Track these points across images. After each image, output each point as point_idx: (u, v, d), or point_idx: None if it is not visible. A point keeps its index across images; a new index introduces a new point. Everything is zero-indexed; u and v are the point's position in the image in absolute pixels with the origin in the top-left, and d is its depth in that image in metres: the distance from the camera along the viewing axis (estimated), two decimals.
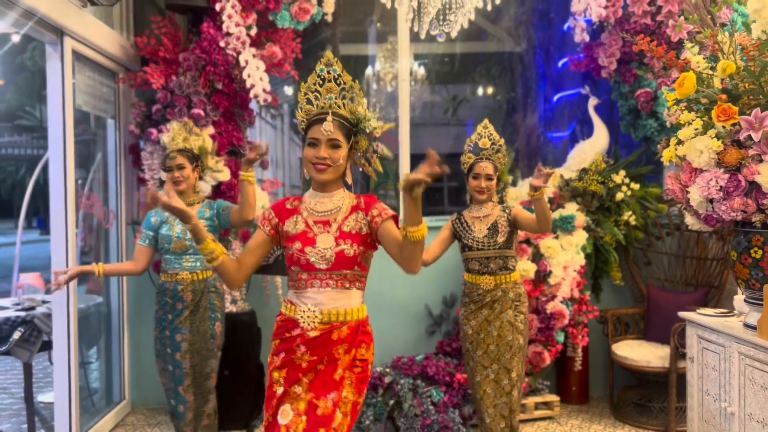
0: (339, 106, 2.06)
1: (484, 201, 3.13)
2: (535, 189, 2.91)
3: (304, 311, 2.03)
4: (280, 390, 2.05)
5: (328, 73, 2.08)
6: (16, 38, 4.39)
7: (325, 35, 5.67)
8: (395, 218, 2.07)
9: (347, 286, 2.05)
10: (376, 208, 2.08)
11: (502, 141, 3.20)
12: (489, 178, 3.09)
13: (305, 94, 2.09)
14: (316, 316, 2.02)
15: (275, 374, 2.07)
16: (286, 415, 2.02)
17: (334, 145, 2.01)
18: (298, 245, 2.04)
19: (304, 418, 2.01)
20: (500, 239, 3.08)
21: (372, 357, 2.16)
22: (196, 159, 3.24)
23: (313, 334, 2.03)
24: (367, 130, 2.06)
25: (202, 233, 1.97)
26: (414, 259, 1.93)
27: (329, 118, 2.00)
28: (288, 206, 2.12)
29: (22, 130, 23.53)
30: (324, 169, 2.01)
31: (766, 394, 2.41)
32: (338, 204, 2.08)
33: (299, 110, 2.10)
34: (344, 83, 2.08)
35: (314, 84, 2.08)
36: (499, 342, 3.07)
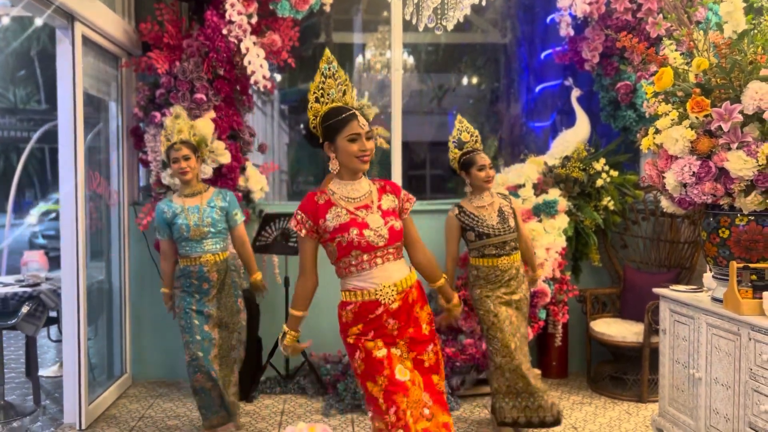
0: (336, 100, 2.23)
1: (487, 189, 3.35)
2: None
3: (381, 290, 2.22)
4: (382, 352, 2.23)
5: (329, 69, 2.25)
6: (39, 22, 4.44)
7: (313, 22, 5.82)
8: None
9: (401, 255, 2.30)
10: (404, 195, 2.35)
11: (476, 131, 3.43)
12: (491, 166, 3.33)
13: (314, 92, 2.25)
14: (392, 289, 2.23)
15: (370, 344, 2.24)
16: (404, 372, 2.23)
17: (369, 136, 2.22)
18: (355, 231, 2.19)
19: (417, 372, 2.27)
20: (512, 223, 3.35)
21: None
22: (196, 149, 3.39)
23: (395, 305, 2.24)
24: (367, 117, 2.28)
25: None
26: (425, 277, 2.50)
27: (358, 114, 2.19)
28: (320, 201, 2.26)
29: None
30: (368, 160, 2.22)
31: (729, 359, 2.67)
32: (368, 188, 2.29)
33: (309, 109, 2.25)
34: (339, 77, 2.25)
35: (320, 83, 2.24)
36: (518, 314, 3.35)
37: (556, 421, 3.29)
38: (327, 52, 2.26)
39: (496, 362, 3.30)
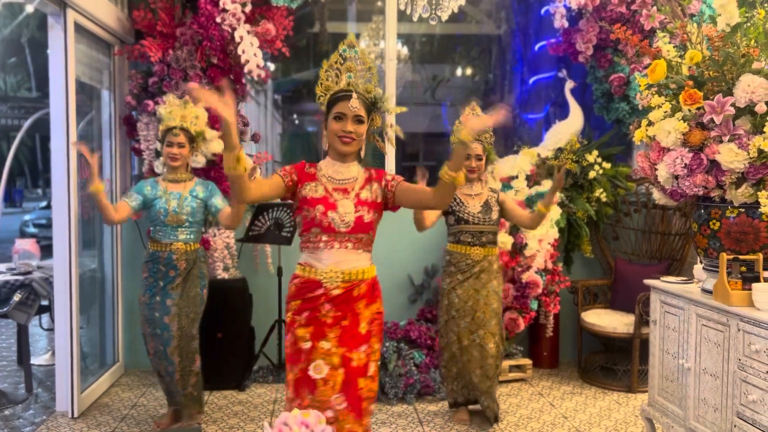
0: (356, 85, 2.23)
1: (474, 180, 3.37)
2: (545, 204, 3.27)
3: (326, 272, 2.20)
4: (307, 345, 2.21)
5: (350, 53, 2.25)
6: (30, 9, 4.41)
7: (307, 11, 5.79)
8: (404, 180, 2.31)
9: (361, 248, 2.24)
10: (388, 175, 2.30)
11: None
12: (479, 158, 3.34)
13: (326, 71, 2.26)
14: (338, 276, 2.20)
15: (300, 331, 2.23)
16: (320, 369, 2.20)
17: (359, 120, 2.19)
18: (320, 208, 2.19)
19: (341, 370, 2.20)
20: (494, 216, 3.36)
21: (383, 309, 2.37)
22: (193, 140, 3.38)
23: (336, 292, 2.21)
24: (383, 110, 2.25)
25: (236, 141, 1.98)
26: (446, 199, 2.15)
27: (354, 95, 2.18)
28: (307, 171, 2.27)
29: None
30: (349, 142, 2.19)
31: (718, 350, 2.70)
32: (355, 174, 2.27)
33: (319, 85, 2.26)
34: (363, 64, 2.25)
35: (336, 63, 2.26)
36: (486, 310, 3.35)
37: (495, 419, 3.45)
38: (351, 36, 2.27)
39: (450, 352, 3.43)
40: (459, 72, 7.53)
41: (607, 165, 4.40)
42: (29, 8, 3.44)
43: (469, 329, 3.35)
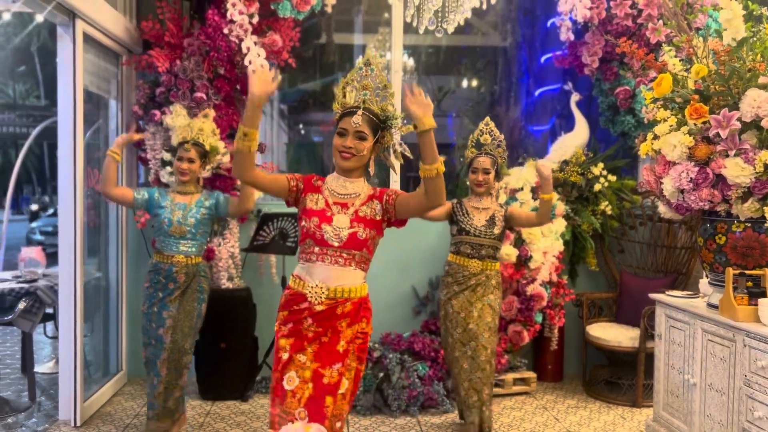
0: (372, 102, 2.25)
1: (482, 193, 3.39)
2: (545, 192, 3.29)
3: (312, 287, 2.22)
4: (285, 356, 2.25)
5: (366, 71, 2.27)
6: (39, 19, 4.43)
7: (314, 22, 5.82)
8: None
9: (353, 265, 2.24)
10: (390, 191, 2.31)
11: (502, 137, 3.46)
12: (486, 171, 3.34)
13: (343, 87, 2.28)
14: (323, 292, 2.22)
15: (282, 341, 2.27)
16: (291, 381, 2.23)
17: (361, 137, 2.20)
18: (315, 220, 2.23)
19: (310, 385, 2.22)
20: (497, 231, 3.36)
21: (371, 329, 2.36)
22: (205, 155, 3.41)
23: (319, 308, 2.22)
24: (393, 129, 2.26)
25: (254, 121, 2.09)
26: (437, 193, 2.13)
27: (359, 112, 2.20)
28: (314, 183, 2.31)
29: None
30: (348, 158, 2.21)
31: (724, 365, 2.68)
32: (358, 190, 2.28)
33: (335, 102, 2.29)
34: (379, 83, 2.27)
35: (352, 80, 2.28)
36: (479, 322, 3.34)
37: None
38: (369, 53, 2.28)
39: (447, 362, 3.54)
40: (465, 83, 7.55)
41: (612, 178, 4.39)
42: (39, 18, 3.48)
43: (461, 341, 3.35)
